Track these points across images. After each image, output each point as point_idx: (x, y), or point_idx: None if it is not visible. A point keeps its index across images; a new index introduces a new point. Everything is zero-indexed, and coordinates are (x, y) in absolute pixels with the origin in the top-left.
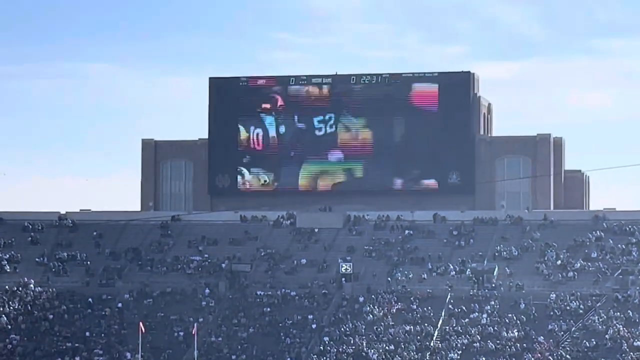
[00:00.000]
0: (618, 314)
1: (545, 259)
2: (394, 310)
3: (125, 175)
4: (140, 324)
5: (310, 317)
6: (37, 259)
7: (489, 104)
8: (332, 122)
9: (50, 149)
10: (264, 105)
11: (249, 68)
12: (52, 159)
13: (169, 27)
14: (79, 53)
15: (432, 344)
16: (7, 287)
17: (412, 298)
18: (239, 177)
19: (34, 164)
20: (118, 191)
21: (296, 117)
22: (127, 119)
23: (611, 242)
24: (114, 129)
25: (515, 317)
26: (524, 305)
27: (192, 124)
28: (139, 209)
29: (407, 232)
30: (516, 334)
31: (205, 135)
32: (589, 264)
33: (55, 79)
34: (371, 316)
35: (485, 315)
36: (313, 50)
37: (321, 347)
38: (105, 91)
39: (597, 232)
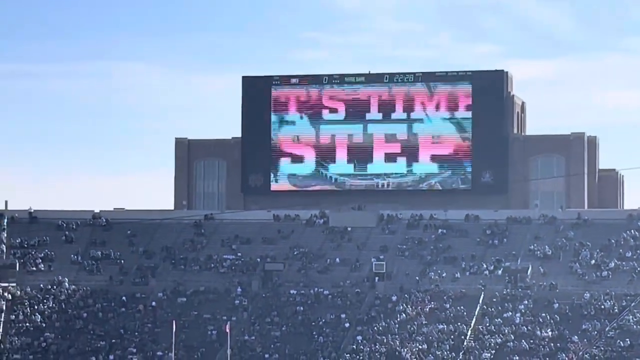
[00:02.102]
0: None
1: (579, 258)
2: (427, 310)
3: (158, 174)
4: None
5: (343, 316)
6: (71, 258)
7: (523, 103)
8: (365, 122)
9: (84, 148)
10: (297, 104)
11: (282, 67)
12: (86, 158)
13: (202, 26)
14: (112, 52)
15: (465, 343)
16: (41, 285)
17: (445, 297)
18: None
19: (68, 163)
20: (151, 190)
21: (329, 117)
22: (160, 118)
23: None
24: (148, 128)
25: (549, 317)
26: (557, 304)
27: (226, 122)
28: (172, 207)
29: (440, 231)
30: (550, 333)
31: (239, 134)
32: (624, 263)
33: (89, 77)
34: (404, 315)
35: (518, 315)
36: (346, 49)
37: (354, 346)
38: (138, 90)
39: (632, 231)
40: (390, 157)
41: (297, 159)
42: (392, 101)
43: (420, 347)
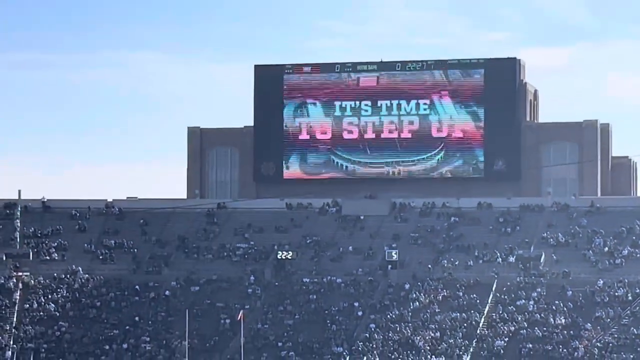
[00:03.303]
0: None
1: (593, 245)
2: (440, 298)
3: (171, 163)
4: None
5: (356, 304)
6: (84, 247)
7: (535, 90)
8: (377, 110)
9: (97, 137)
10: (310, 92)
11: (294, 55)
12: (99, 147)
13: (214, 15)
14: (124, 41)
15: (478, 331)
16: (55, 274)
17: (458, 285)
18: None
19: (81, 152)
20: (164, 179)
21: (341, 105)
22: (173, 106)
23: None
24: (160, 117)
25: (562, 304)
26: (571, 292)
27: (238, 111)
28: (185, 196)
29: (452, 219)
30: (563, 321)
31: (251, 123)
32: (637, 250)
33: (101, 67)
34: (417, 303)
35: (532, 302)
36: (358, 38)
37: (367, 335)
38: (151, 79)
39: None
40: (402, 146)
41: (310, 147)
42: (405, 89)
43: (433, 335)
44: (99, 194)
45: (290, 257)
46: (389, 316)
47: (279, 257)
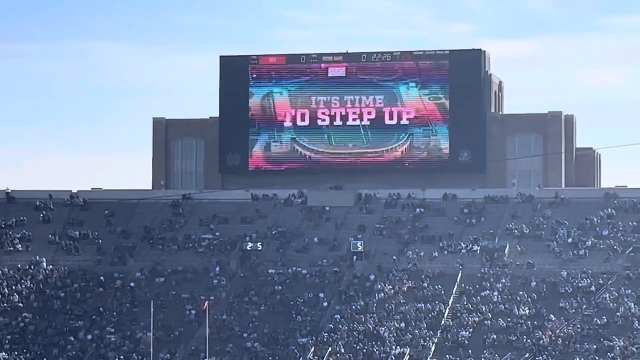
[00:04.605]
0: (629, 291)
1: (557, 237)
2: (405, 289)
3: (136, 154)
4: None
5: (321, 295)
6: (49, 238)
7: (500, 82)
8: (344, 101)
9: (61, 128)
10: (275, 83)
11: (260, 46)
12: (63, 138)
13: (179, 5)
14: (89, 31)
15: (443, 322)
16: (19, 265)
17: (423, 276)
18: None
19: (45, 143)
20: (129, 170)
21: (307, 96)
22: (138, 97)
23: (622, 219)
24: (125, 108)
25: (526, 295)
26: (535, 283)
27: (203, 102)
28: (150, 187)
29: (418, 210)
30: (527, 311)
31: (216, 114)
32: (600, 241)
33: (65, 57)
34: (382, 294)
35: (496, 293)
36: (324, 29)
37: (332, 325)
38: (116, 70)
39: (608, 209)
40: (368, 136)
41: (275, 138)
42: (372, 80)
43: (398, 325)
44: (63, 184)
45: (255, 248)
46: (354, 307)
47: (245, 248)
